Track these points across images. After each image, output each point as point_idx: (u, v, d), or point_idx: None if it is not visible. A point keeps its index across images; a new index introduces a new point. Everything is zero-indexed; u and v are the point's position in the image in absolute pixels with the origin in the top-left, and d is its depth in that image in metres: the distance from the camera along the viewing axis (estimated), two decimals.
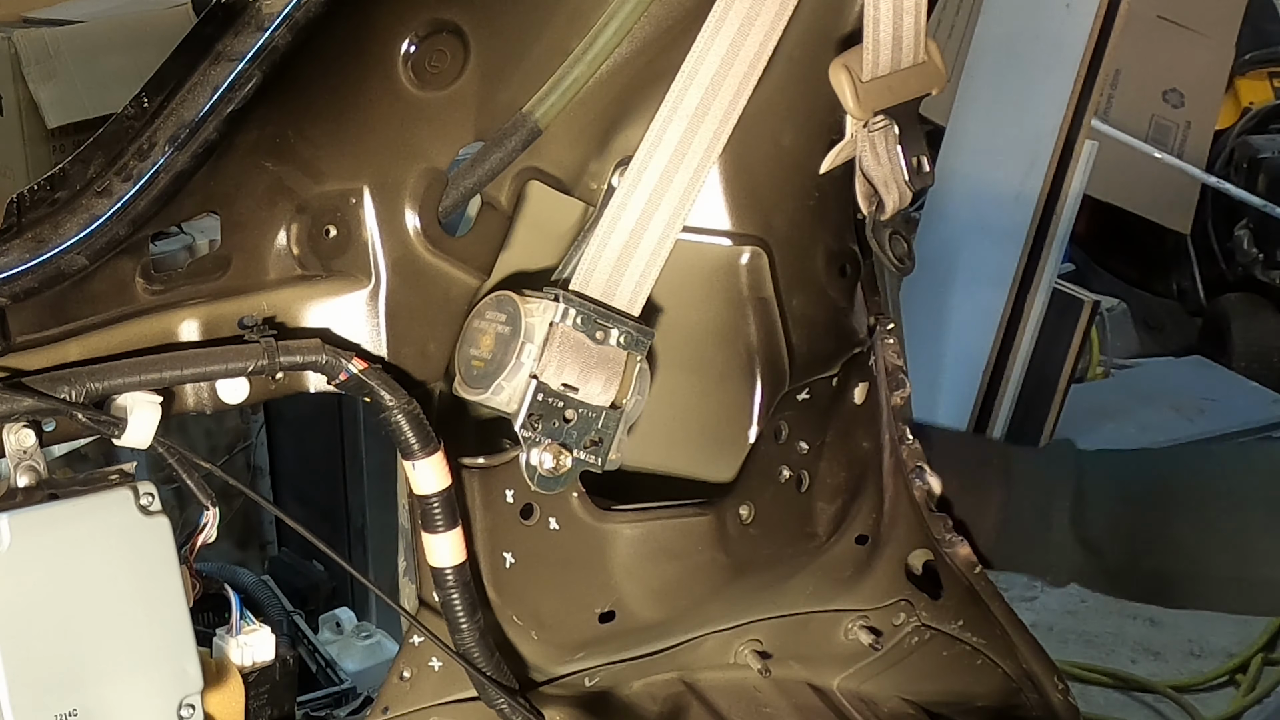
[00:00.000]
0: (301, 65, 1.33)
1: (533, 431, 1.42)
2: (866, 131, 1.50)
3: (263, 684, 1.45)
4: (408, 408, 1.40)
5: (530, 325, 1.42)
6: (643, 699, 1.71)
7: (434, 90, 1.44)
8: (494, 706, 1.52)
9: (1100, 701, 3.72)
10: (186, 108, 1.29)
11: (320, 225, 1.44)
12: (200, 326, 1.40)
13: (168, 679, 1.31)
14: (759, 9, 1.42)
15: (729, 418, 1.57)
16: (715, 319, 1.54)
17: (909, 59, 1.49)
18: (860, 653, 1.79)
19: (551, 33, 1.45)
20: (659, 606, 1.60)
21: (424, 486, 1.42)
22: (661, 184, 1.44)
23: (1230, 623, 3.99)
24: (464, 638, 1.48)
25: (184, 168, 1.30)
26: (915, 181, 1.54)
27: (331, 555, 1.47)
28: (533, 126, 1.46)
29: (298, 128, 1.40)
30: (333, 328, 1.45)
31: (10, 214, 1.29)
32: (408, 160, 1.45)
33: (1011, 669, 1.80)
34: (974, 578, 1.75)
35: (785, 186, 1.54)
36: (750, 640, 1.73)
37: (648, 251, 1.45)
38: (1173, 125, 5.31)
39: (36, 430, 1.29)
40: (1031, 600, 4.09)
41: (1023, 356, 4.27)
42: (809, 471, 1.65)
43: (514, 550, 1.53)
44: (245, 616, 1.44)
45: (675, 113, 1.43)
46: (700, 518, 1.56)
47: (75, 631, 1.27)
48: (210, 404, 1.40)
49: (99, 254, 1.31)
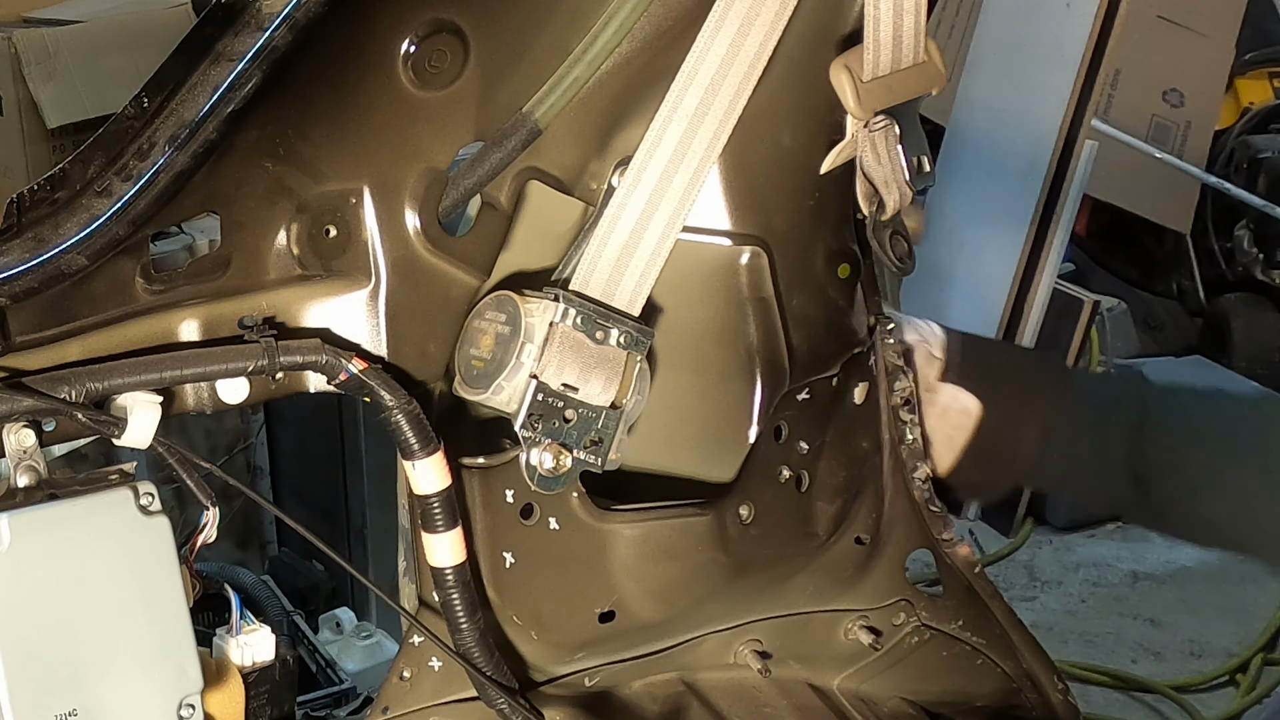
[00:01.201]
0: (301, 65, 1.33)
1: (533, 431, 1.42)
2: (867, 131, 1.50)
3: (263, 684, 1.45)
4: (408, 408, 1.40)
5: (530, 325, 1.42)
6: (643, 699, 1.71)
7: (434, 90, 1.44)
8: (494, 706, 1.52)
9: (1100, 701, 3.72)
10: (186, 108, 1.29)
11: (320, 225, 1.44)
12: (200, 326, 1.40)
13: (168, 679, 1.31)
14: (759, 9, 1.42)
15: (729, 418, 1.57)
16: (715, 319, 1.54)
17: (909, 59, 1.49)
18: (860, 653, 1.79)
19: (551, 33, 1.45)
20: (659, 606, 1.60)
21: (424, 486, 1.42)
22: (661, 184, 1.44)
23: (1230, 623, 3.99)
24: (464, 638, 1.48)
25: (184, 168, 1.30)
26: (916, 181, 1.54)
27: (331, 555, 1.47)
28: (533, 126, 1.46)
29: (298, 128, 1.40)
30: (333, 328, 1.45)
31: (10, 214, 1.29)
32: (408, 160, 1.45)
33: (1011, 669, 1.80)
34: (974, 578, 1.74)
35: (785, 186, 1.54)
36: (750, 640, 1.73)
37: (648, 251, 1.45)
38: (1173, 125, 5.31)
39: (36, 430, 1.29)
40: (1031, 600, 4.09)
41: None
42: (809, 471, 1.65)
43: (514, 550, 1.53)
44: (245, 616, 1.44)
45: (675, 113, 1.43)
46: (700, 518, 1.56)
47: (75, 631, 1.27)
48: (210, 404, 1.40)
49: (99, 254, 1.31)
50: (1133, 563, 4.26)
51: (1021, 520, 4.36)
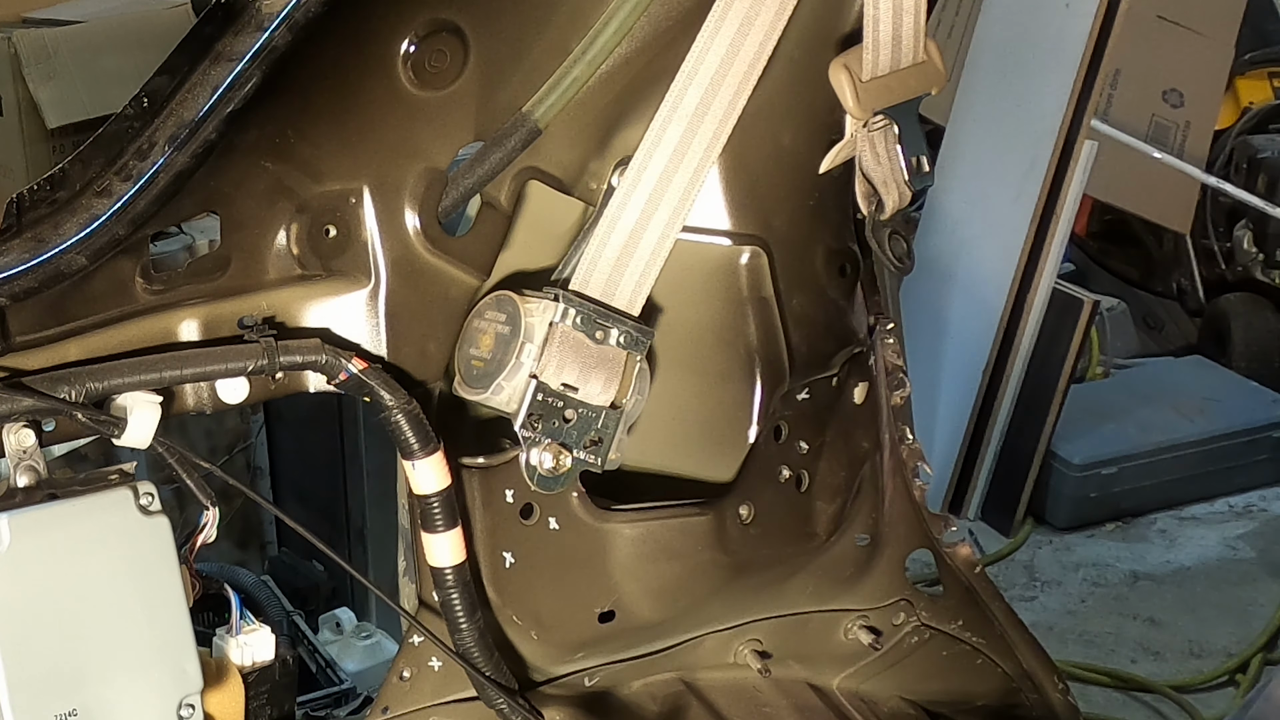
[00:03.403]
0: (301, 65, 1.33)
1: (533, 431, 1.43)
2: (866, 131, 1.50)
3: (263, 684, 1.45)
4: (408, 408, 1.40)
5: (530, 325, 1.42)
6: (643, 699, 1.71)
7: (434, 90, 1.44)
8: (493, 706, 1.53)
9: (1100, 701, 3.72)
10: (186, 108, 1.29)
11: (320, 225, 1.44)
12: (200, 326, 1.40)
13: (167, 679, 1.31)
14: (759, 9, 1.42)
15: (729, 417, 1.57)
16: (715, 319, 1.54)
17: (909, 59, 1.49)
18: (860, 652, 1.79)
19: (551, 33, 1.45)
20: (659, 606, 1.60)
21: (424, 486, 1.42)
22: (661, 184, 1.44)
23: (1230, 623, 3.99)
24: (464, 638, 1.48)
25: (184, 168, 1.30)
26: (915, 181, 1.54)
27: (331, 555, 1.48)
28: (532, 126, 1.46)
29: (298, 128, 1.40)
30: (333, 328, 1.45)
31: (10, 214, 1.29)
32: (408, 160, 1.45)
33: (1011, 669, 1.80)
34: (974, 578, 1.74)
35: (785, 186, 1.54)
36: (750, 640, 1.74)
37: (647, 251, 1.45)
38: (1172, 125, 5.31)
39: (36, 430, 1.29)
40: (1031, 600, 4.09)
41: (1023, 356, 4.27)
42: (809, 471, 1.65)
43: (514, 550, 1.53)
44: (245, 616, 1.44)
45: (675, 113, 1.43)
46: (700, 518, 1.56)
47: (75, 631, 1.27)
48: (210, 404, 1.40)
49: (99, 254, 1.31)
50: (1133, 563, 4.26)
51: (1021, 520, 4.36)
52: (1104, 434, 4.46)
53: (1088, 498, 4.37)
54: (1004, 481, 4.36)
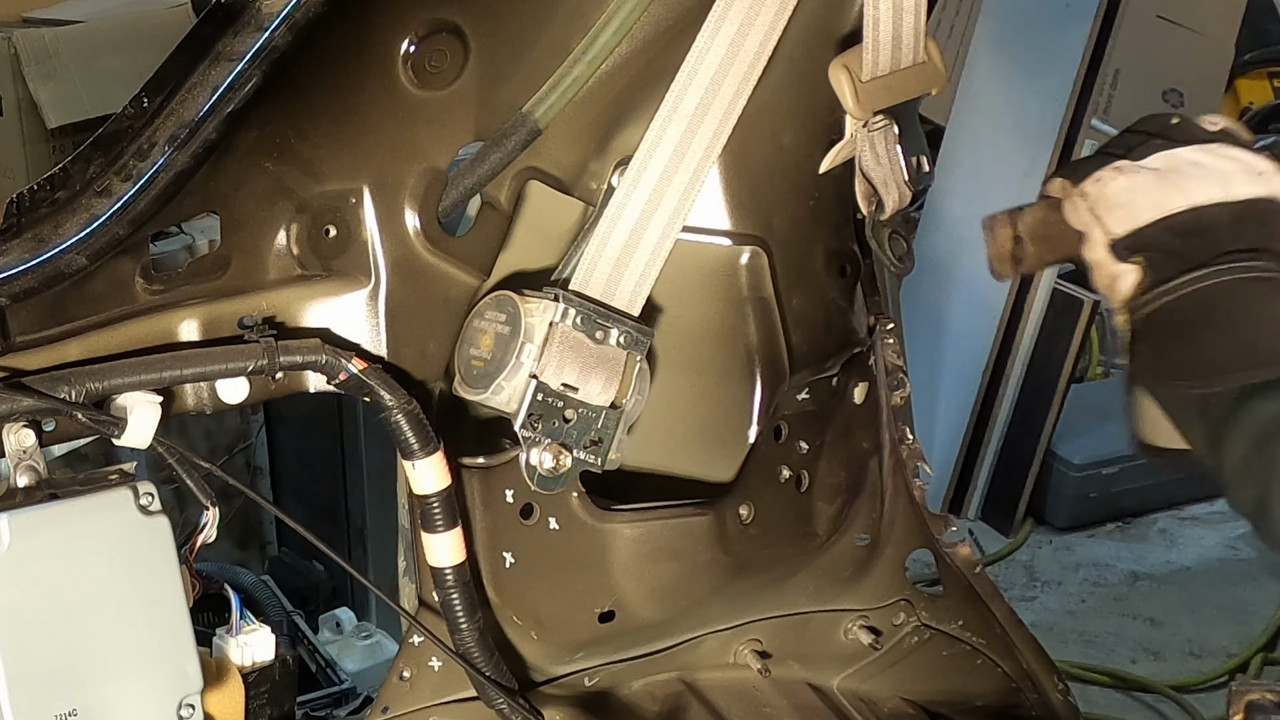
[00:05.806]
0: (301, 65, 1.33)
1: (533, 431, 1.42)
2: (866, 131, 1.50)
3: (263, 684, 1.45)
4: (408, 408, 1.40)
5: (530, 325, 1.42)
6: (643, 699, 1.71)
7: (434, 90, 1.44)
8: (493, 706, 1.53)
9: (1100, 701, 3.72)
10: (186, 108, 1.29)
11: (320, 225, 1.44)
12: (200, 326, 1.40)
13: (167, 679, 1.31)
14: (759, 9, 1.42)
15: (729, 417, 1.57)
16: (715, 319, 1.54)
17: (909, 59, 1.49)
18: (860, 652, 1.79)
19: (551, 33, 1.45)
20: (659, 606, 1.60)
21: (424, 486, 1.42)
22: (661, 184, 1.44)
23: (1230, 623, 3.98)
24: (464, 638, 1.48)
25: (184, 168, 1.30)
26: (915, 181, 1.54)
27: (331, 555, 1.48)
28: (532, 126, 1.46)
29: (298, 128, 1.40)
30: (333, 328, 1.45)
31: (10, 214, 1.29)
32: (408, 160, 1.45)
33: (1011, 669, 1.80)
34: (974, 578, 1.75)
35: (785, 186, 1.54)
36: (750, 640, 1.74)
37: (647, 251, 1.45)
38: None
39: (36, 430, 1.29)
40: (1031, 600, 4.08)
41: (1023, 356, 4.27)
42: (809, 471, 1.65)
43: (514, 550, 1.53)
44: (245, 616, 1.44)
45: (675, 113, 1.43)
46: (700, 518, 1.56)
47: (75, 631, 1.27)
48: (210, 404, 1.40)
49: (99, 254, 1.31)
50: (1133, 563, 4.26)
51: (1021, 520, 4.36)
52: (1104, 434, 4.45)
53: (1088, 498, 4.36)
54: (1004, 481, 4.35)
